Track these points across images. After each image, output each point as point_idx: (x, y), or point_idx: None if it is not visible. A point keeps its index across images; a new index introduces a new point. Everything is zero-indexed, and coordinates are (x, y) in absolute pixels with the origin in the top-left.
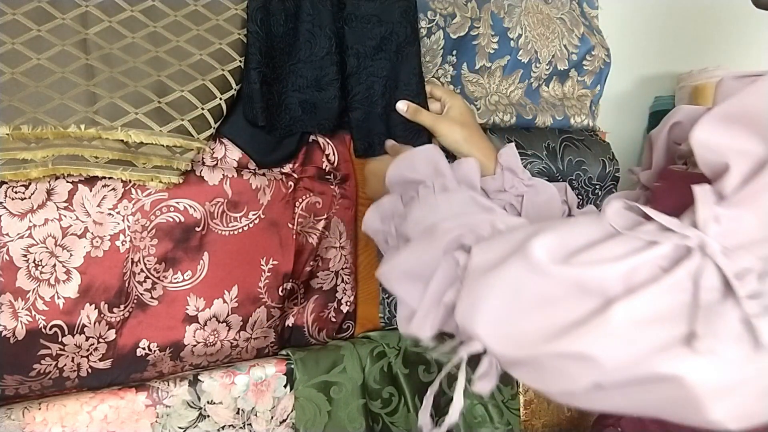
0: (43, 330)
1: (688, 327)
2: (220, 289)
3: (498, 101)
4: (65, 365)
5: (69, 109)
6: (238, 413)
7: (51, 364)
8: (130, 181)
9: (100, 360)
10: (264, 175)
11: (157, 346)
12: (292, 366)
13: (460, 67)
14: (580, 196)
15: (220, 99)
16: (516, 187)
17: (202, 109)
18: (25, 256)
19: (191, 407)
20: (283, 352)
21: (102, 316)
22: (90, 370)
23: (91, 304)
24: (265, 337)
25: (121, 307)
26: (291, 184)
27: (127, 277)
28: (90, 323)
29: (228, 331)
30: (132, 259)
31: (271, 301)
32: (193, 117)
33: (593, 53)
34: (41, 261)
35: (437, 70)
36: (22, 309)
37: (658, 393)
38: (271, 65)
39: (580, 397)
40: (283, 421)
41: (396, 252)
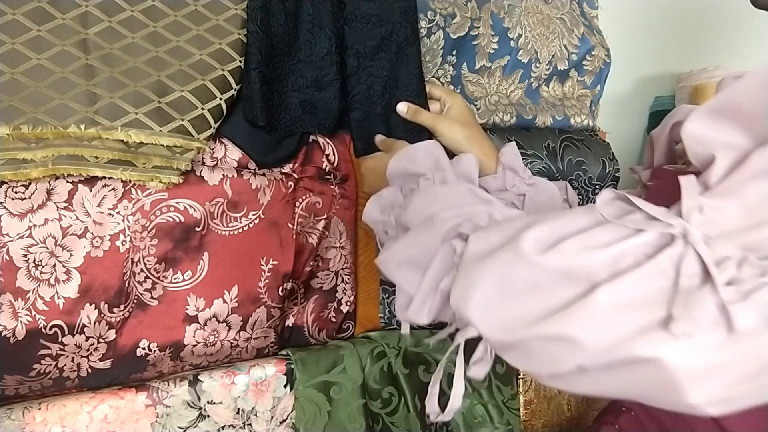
0: (43, 330)
1: (667, 311)
2: (220, 289)
3: (498, 101)
4: (65, 365)
5: (69, 109)
6: (238, 413)
7: (51, 364)
8: (130, 181)
9: (100, 360)
10: (264, 175)
11: (157, 346)
12: (292, 366)
13: (460, 67)
14: (580, 196)
15: (220, 99)
16: (517, 186)
17: (202, 109)
18: (25, 256)
19: (191, 407)
20: (283, 352)
21: (102, 316)
22: (90, 370)
23: (91, 304)
24: (265, 337)
25: (121, 307)
26: (291, 184)
27: (127, 277)
28: (90, 323)
29: (228, 331)
30: (132, 259)
31: (271, 301)
32: (193, 117)
33: (593, 53)
34: (41, 261)
35: (437, 70)
36: (22, 309)
37: (639, 376)
38: (271, 65)
39: (566, 380)
40: (283, 421)
41: (395, 240)
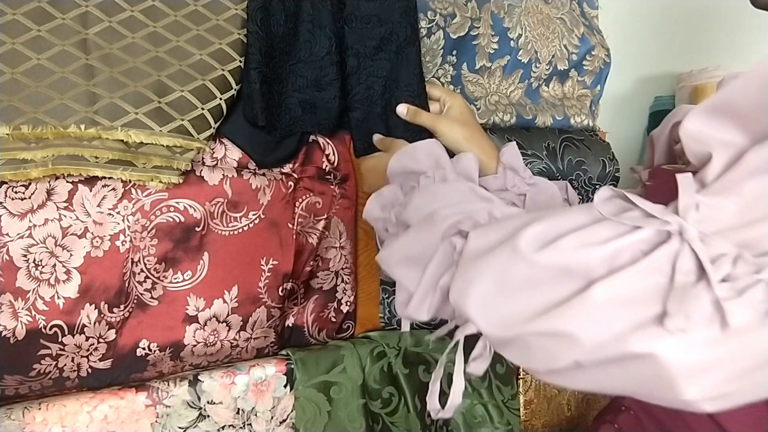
0: (43, 330)
1: (662, 307)
2: (220, 289)
3: (498, 101)
4: (65, 365)
5: (69, 109)
6: (238, 413)
7: (51, 364)
8: (130, 181)
9: (100, 360)
10: (264, 175)
11: (157, 346)
12: (292, 366)
13: (460, 67)
14: (580, 196)
15: (220, 99)
16: (518, 186)
17: (202, 109)
18: (25, 256)
19: (191, 407)
20: (283, 352)
21: (102, 316)
22: (90, 370)
23: (91, 304)
24: (265, 337)
25: (121, 307)
26: (291, 184)
27: (127, 277)
28: (90, 323)
29: (228, 331)
30: (132, 259)
31: (271, 301)
32: (193, 117)
33: (593, 53)
34: (41, 261)
35: (437, 70)
36: (22, 309)
37: (634, 372)
38: (271, 65)
39: (563, 376)
40: (283, 421)
41: (396, 238)
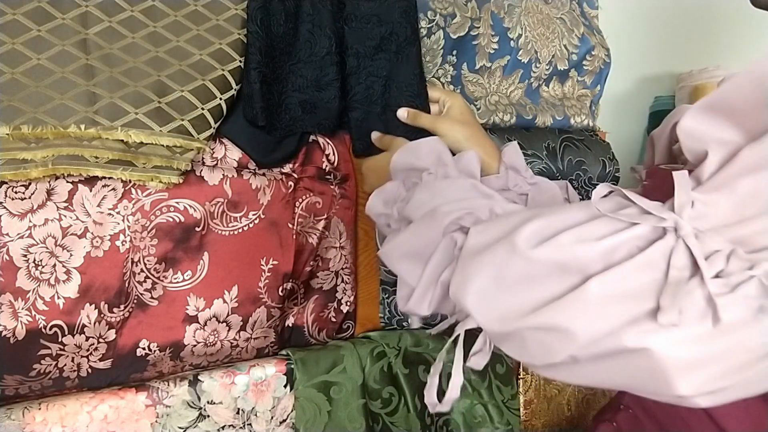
0: (43, 330)
1: (657, 303)
2: (220, 289)
3: (498, 101)
4: (65, 365)
5: (69, 109)
6: (238, 413)
7: (51, 364)
8: (130, 181)
9: (100, 360)
10: (264, 175)
11: (157, 346)
12: (292, 366)
13: (460, 67)
14: (581, 196)
15: (220, 99)
16: (520, 185)
17: (202, 109)
18: (25, 256)
19: (191, 407)
20: (283, 352)
21: (102, 316)
22: (90, 370)
23: (91, 304)
24: (265, 337)
25: (121, 307)
26: (291, 184)
27: (127, 277)
28: (90, 323)
29: (228, 331)
30: (132, 259)
31: (271, 301)
32: (193, 117)
33: (593, 53)
34: (41, 261)
35: (437, 70)
36: (22, 309)
37: (629, 366)
38: (271, 65)
39: (560, 370)
40: (283, 421)
41: (398, 233)
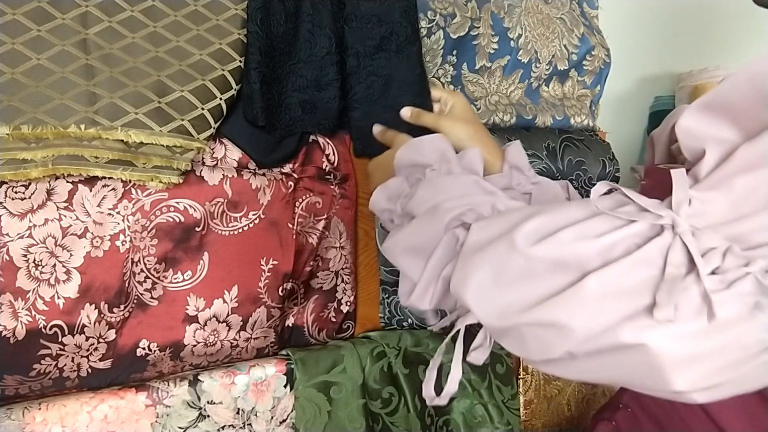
0: (43, 330)
1: (653, 299)
2: (220, 289)
3: (498, 101)
4: (65, 365)
5: (69, 109)
6: (238, 413)
7: (51, 364)
8: (130, 181)
9: (100, 360)
10: (264, 175)
11: (157, 346)
12: (292, 366)
13: (460, 67)
14: (580, 196)
15: (220, 99)
16: (523, 184)
17: (202, 109)
18: (25, 256)
19: (191, 407)
20: (283, 352)
21: (102, 316)
22: (90, 370)
23: (91, 304)
24: (265, 337)
25: (121, 307)
26: (291, 184)
27: (127, 277)
28: (90, 323)
29: (228, 331)
30: (132, 259)
31: (271, 301)
32: (193, 117)
33: (593, 53)
34: (41, 261)
35: (437, 70)
36: (22, 309)
37: (626, 362)
38: (271, 65)
39: (558, 366)
40: (283, 421)
41: (401, 228)
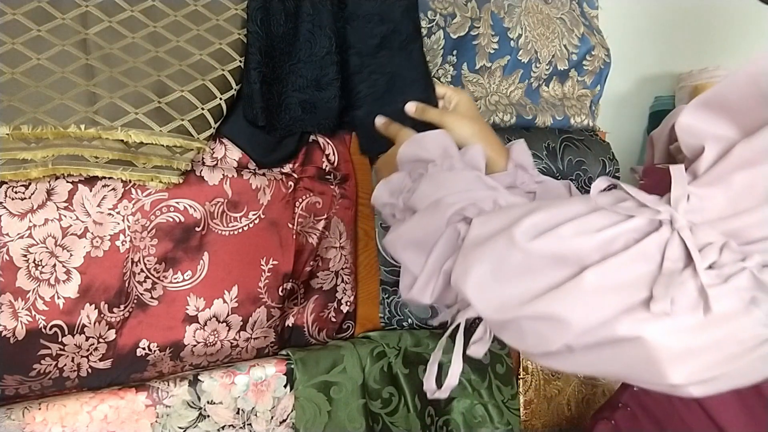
0: (43, 330)
1: (650, 293)
2: (220, 289)
3: (498, 101)
4: (65, 365)
5: (69, 109)
6: (238, 413)
7: (51, 364)
8: (130, 181)
9: (100, 360)
10: (264, 175)
11: (157, 346)
12: (292, 366)
13: (460, 67)
14: None
15: (220, 99)
16: (527, 183)
17: (202, 109)
18: (25, 256)
19: (191, 407)
20: (283, 352)
21: (102, 316)
22: (90, 370)
23: (91, 304)
24: (265, 337)
25: (121, 307)
26: (291, 184)
27: (127, 277)
28: (90, 323)
29: (228, 331)
30: (132, 259)
31: (271, 301)
32: (193, 117)
33: (593, 53)
34: (41, 261)
35: (437, 70)
36: (22, 309)
37: (623, 355)
38: (271, 65)
39: (556, 359)
40: (283, 421)
41: (402, 222)
